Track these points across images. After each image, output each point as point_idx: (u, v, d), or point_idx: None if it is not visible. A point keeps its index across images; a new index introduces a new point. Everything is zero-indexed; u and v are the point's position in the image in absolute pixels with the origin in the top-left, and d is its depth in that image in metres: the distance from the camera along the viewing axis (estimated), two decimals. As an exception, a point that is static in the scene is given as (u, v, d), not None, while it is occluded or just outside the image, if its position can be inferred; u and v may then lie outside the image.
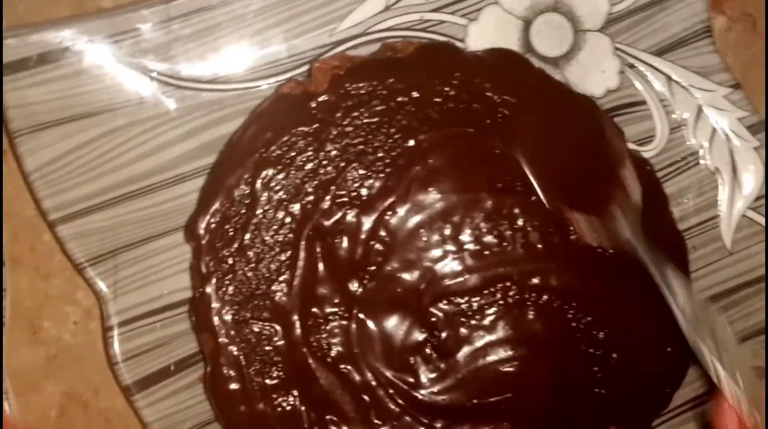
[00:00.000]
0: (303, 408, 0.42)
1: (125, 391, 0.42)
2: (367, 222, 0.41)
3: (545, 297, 0.42)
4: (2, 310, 0.43)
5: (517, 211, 0.42)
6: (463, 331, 0.42)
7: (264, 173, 0.41)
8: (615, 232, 0.39)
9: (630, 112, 0.45)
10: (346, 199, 0.41)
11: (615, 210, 0.39)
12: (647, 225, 0.43)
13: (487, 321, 0.42)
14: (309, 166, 0.41)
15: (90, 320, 0.45)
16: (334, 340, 0.42)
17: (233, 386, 0.41)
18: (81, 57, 0.40)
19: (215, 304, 0.41)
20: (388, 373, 0.42)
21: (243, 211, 0.41)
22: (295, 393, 0.42)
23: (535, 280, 0.42)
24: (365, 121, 0.41)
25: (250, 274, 0.41)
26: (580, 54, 0.45)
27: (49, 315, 0.45)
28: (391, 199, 0.41)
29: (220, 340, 0.41)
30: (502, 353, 0.42)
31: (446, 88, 0.42)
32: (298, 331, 0.42)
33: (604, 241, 0.40)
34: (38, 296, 0.45)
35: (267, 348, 0.41)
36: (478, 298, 0.42)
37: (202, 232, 0.41)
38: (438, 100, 0.41)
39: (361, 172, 0.41)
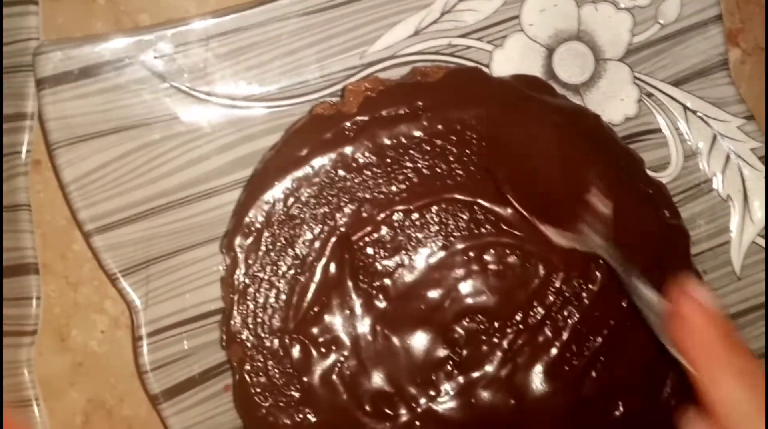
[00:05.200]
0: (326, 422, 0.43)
1: (153, 400, 0.43)
2: (396, 240, 0.43)
3: (564, 318, 0.44)
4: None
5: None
6: (484, 348, 0.43)
7: (298, 191, 0.42)
8: (587, 242, 0.41)
9: (647, 139, 0.47)
10: (377, 218, 0.42)
11: (583, 226, 0.41)
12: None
13: (507, 340, 0.43)
14: (341, 184, 0.42)
15: (117, 329, 0.46)
16: (359, 356, 0.43)
17: (259, 397, 0.42)
18: (120, 72, 0.42)
19: (246, 317, 0.42)
20: (410, 388, 0.43)
21: (277, 227, 0.42)
22: (320, 407, 0.43)
23: (555, 302, 0.44)
24: (397, 141, 0.42)
25: (281, 287, 0.42)
26: (600, 82, 0.46)
27: (77, 323, 0.46)
28: (420, 219, 0.43)
29: (248, 352, 0.42)
30: (521, 372, 0.44)
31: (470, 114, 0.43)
32: (324, 346, 0.43)
33: (579, 246, 0.42)
34: (67, 304, 0.45)
35: (293, 362, 0.42)
36: (499, 317, 0.43)
37: (237, 246, 0.41)
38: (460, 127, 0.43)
39: (393, 191, 0.42)
